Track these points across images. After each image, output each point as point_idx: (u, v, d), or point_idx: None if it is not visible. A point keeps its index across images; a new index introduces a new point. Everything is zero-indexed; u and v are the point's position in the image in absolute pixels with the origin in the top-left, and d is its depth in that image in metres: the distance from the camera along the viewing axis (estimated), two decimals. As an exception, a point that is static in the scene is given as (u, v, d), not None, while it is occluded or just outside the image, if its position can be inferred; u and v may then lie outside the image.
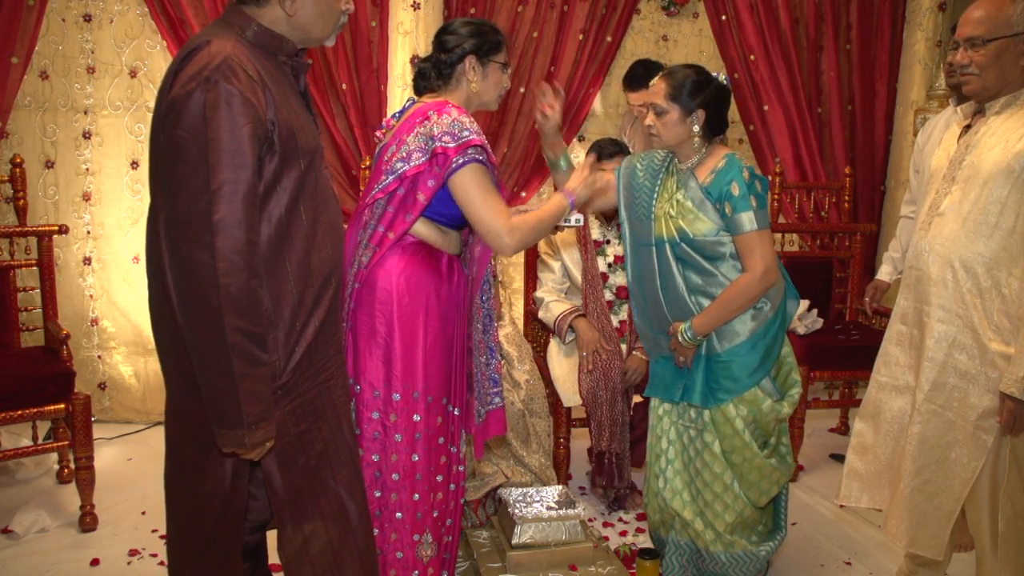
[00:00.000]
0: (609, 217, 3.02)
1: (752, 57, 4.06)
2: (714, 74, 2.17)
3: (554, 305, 3.02)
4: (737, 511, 2.20)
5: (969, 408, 1.96)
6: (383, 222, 1.90)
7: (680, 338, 2.15)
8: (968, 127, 2.06)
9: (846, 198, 3.83)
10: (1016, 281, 1.90)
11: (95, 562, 2.55)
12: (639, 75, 3.19)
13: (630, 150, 3.04)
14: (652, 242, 2.21)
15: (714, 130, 2.17)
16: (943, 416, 2.00)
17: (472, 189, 1.84)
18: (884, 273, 3.21)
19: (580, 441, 3.31)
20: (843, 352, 3.33)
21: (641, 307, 2.32)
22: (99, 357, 3.74)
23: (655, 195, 2.23)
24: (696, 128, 2.14)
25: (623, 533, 2.81)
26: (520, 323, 3.57)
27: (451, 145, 1.82)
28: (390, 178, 1.88)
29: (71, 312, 3.63)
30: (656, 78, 2.18)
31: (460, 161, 1.82)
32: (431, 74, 2.01)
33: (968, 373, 1.96)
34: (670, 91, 2.12)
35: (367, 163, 3.57)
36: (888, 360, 2.18)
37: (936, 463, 2.01)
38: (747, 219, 2.08)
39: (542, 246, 3.16)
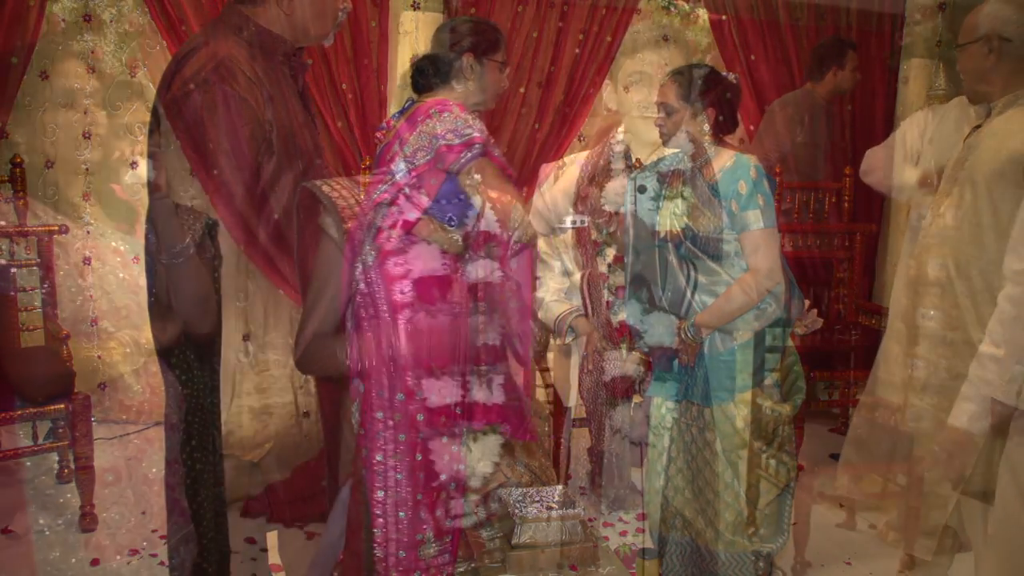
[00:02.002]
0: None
1: (752, 57, 4.06)
2: (723, 73, 2.17)
3: (554, 305, 3.01)
4: (737, 510, 2.20)
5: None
6: (387, 221, 1.90)
7: (683, 335, 2.15)
8: (978, 127, 2.06)
9: (846, 198, 3.83)
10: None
11: (95, 562, 2.54)
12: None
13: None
14: (655, 243, 2.21)
15: (723, 129, 2.18)
16: (935, 416, 1.99)
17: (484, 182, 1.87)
18: None
19: (580, 441, 3.31)
20: (843, 352, 3.33)
21: (635, 311, 2.31)
22: (99, 357, 3.73)
23: (662, 197, 2.24)
24: (706, 127, 2.14)
25: (623, 533, 2.81)
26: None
27: (455, 142, 1.83)
28: (396, 177, 1.88)
29: (71, 312, 3.63)
30: (666, 77, 2.18)
31: (467, 156, 1.84)
32: (429, 71, 2.02)
33: (960, 374, 1.95)
34: (680, 90, 2.13)
35: (367, 163, 3.56)
36: (887, 357, 2.19)
37: (927, 463, 2.01)
38: (754, 217, 2.08)
39: (542, 246, 3.15)
